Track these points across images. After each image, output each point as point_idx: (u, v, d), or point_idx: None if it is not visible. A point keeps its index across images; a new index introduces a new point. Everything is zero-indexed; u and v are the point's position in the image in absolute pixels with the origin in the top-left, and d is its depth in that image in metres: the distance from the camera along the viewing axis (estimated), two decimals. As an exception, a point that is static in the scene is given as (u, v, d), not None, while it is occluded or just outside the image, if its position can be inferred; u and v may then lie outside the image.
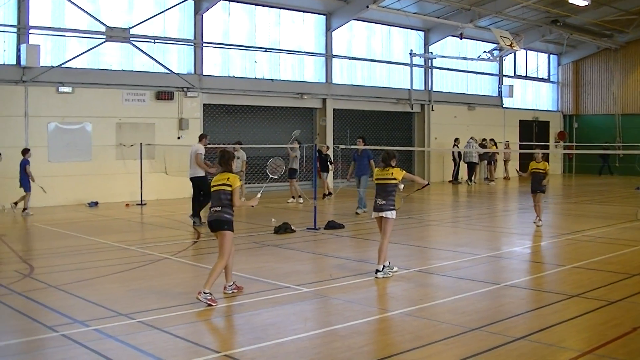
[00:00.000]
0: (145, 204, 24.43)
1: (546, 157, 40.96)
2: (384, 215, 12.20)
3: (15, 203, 22.20)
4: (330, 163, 28.20)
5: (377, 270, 12.02)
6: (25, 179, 22.06)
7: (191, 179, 19.68)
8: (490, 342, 8.28)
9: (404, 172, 12.43)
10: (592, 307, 9.96)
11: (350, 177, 22.70)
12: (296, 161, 26.03)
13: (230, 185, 10.37)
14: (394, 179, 12.21)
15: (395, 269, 12.33)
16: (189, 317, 9.47)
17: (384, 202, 12.17)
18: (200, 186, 19.28)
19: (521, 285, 11.65)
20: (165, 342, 8.36)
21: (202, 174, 19.32)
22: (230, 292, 10.73)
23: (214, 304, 9.83)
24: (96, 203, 23.63)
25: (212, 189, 10.49)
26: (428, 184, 13.42)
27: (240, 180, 10.25)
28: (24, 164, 22.08)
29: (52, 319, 9.25)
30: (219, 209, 10.36)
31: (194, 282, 11.87)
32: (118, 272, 12.64)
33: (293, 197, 25.84)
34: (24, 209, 21.92)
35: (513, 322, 9.25)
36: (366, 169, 21.69)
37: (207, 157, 28.14)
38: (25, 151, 22.35)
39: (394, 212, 12.26)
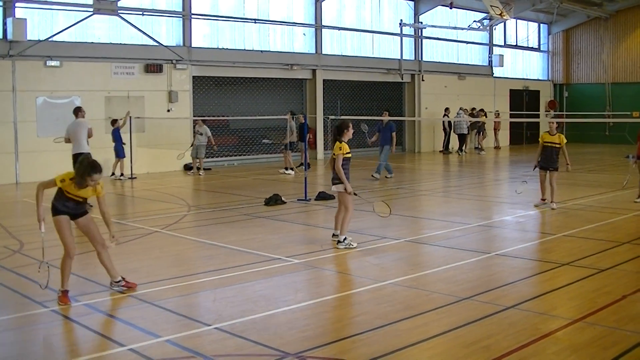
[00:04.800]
0: (135, 178, 24.34)
1: (535, 127, 41.24)
2: (334, 190, 12.36)
3: (122, 174, 23.97)
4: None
5: (339, 241, 12.10)
6: (119, 147, 23.84)
7: (75, 155, 17.04)
8: (481, 311, 8.29)
9: (342, 150, 12.04)
10: (582, 275, 9.99)
11: (372, 143, 24.42)
12: (291, 134, 25.97)
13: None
14: (333, 154, 12.21)
15: (354, 244, 12.15)
16: (179, 290, 9.46)
17: (332, 175, 12.25)
18: None
19: (512, 254, 11.66)
20: (156, 316, 8.35)
21: (88, 150, 16.97)
22: (120, 289, 9.39)
23: (65, 303, 8.84)
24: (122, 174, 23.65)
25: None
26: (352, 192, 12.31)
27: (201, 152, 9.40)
28: (116, 133, 23.90)
29: (42, 294, 9.20)
30: None
31: (184, 255, 11.90)
32: (108, 247, 12.59)
33: (286, 168, 25.81)
34: (121, 174, 23.99)
35: (504, 290, 9.28)
36: (388, 140, 23.55)
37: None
38: (114, 121, 24.04)
39: (340, 185, 12.11)
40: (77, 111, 17.68)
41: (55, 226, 9.13)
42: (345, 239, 12.04)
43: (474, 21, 38.46)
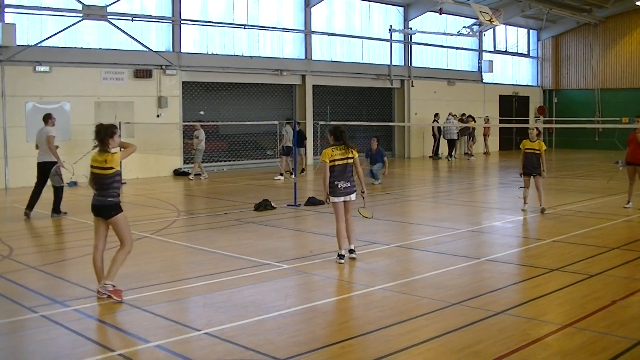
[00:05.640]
0: (125, 183, 24.21)
1: (525, 133, 41.22)
2: (350, 199, 11.44)
3: None
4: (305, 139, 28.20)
5: (351, 250, 11.49)
6: None
7: (41, 164, 17.14)
8: (471, 316, 8.30)
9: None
10: (572, 280, 10.01)
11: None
12: (288, 139, 26.12)
13: (111, 168, 9.36)
14: (352, 157, 11.46)
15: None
16: (169, 296, 9.44)
17: (348, 183, 11.37)
18: (48, 172, 17.01)
19: (502, 260, 11.68)
20: (146, 321, 8.33)
21: (54, 159, 16.99)
22: (106, 295, 9.12)
23: (119, 299, 9.04)
24: (75, 183, 23.45)
25: (91, 171, 9.58)
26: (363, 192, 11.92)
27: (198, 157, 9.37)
28: None
29: (31, 299, 9.20)
30: (101, 194, 9.52)
31: (174, 260, 11.87)
32: (98, 252, 12.55)
33: (289, 173, 25.93)
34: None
35: (494, 296, 9.29)
36: (380, 161, 23.63)
37: (185, 135, 28.16)
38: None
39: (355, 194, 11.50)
40: (47, 118, 17.33)
41: (125, 221, 9.57)
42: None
43: (464, 27, 38.55)
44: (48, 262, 11.88)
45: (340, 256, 11.32)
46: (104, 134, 9.43)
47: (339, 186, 11.30)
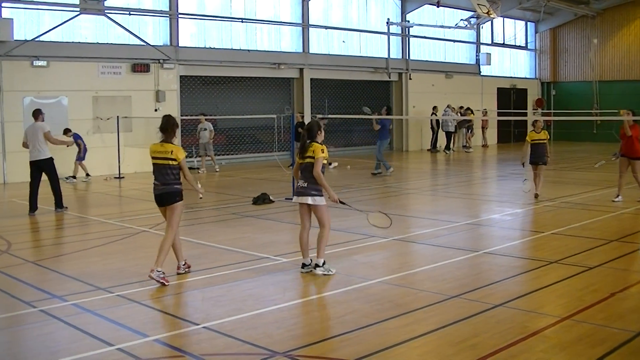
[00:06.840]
0: (123, 178, 24.28)
1: (523, 125, 41.32)
2: (306, 202, 10.20)
3: (74, 176, 23.90)
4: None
5: (317, 265, 10.22)
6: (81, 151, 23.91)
7: (35, 162, 16.64)
8: (469, 309, 8.30)
9: (325, 153, 10.16)
10: (570, 273, 10.01)
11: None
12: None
13: (175, 160, 9.79)
14: (312, 157, 10.08)
15: (333, 270, 10.27)
16: (168, 290, 9.43)
17: (306, 184, 10.14)
18: (45, 169, 16.70)
19: (500, 253, 11.68)
20: (144, 315, 8.33)
21: (49, 155, 16.68)
22: (184, 271, 10.22)
23: (166, 283, 9.54)
24: (74, 177, 23.46)
25: (153, 162, 9.91)
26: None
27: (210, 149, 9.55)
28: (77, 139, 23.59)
29: (30, 294, 9.19)
30: (165, 184, 9.86)
31: (172, 254, 11.84)
32: (96, 246, 12.56)
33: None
34: (74, 177, 23.88)
35: (492, 289, 9.29)
36: (382, 135, 24.58)
37: (184, 129, 28.15)
38: (67, 131, 23.46)
39: (320, 197, 10.16)
40: (38, 114, 16.85)
41: (181, 210, 10.24)
42: (324, 262, 10.24)
43: (461, 19, 38.53)
44: (46, 256, 11.87)
45: (302, 265, 10.42)
46: (172, 123, 10.06)
47: (298, 184, 10.36)
